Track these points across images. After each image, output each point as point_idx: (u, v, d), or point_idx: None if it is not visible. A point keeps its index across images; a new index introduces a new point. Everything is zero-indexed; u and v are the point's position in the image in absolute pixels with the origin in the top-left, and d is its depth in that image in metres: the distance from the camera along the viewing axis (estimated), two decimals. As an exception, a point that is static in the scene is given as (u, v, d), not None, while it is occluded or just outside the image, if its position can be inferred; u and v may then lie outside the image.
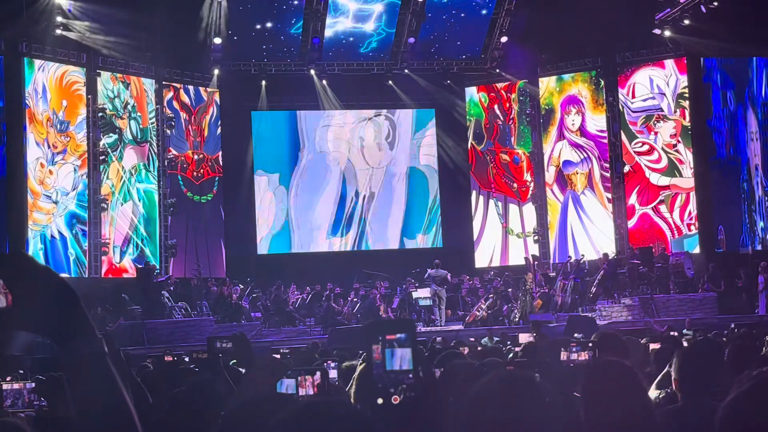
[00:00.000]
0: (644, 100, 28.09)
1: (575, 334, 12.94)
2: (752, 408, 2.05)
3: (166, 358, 12.32)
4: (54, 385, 5.01)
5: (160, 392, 5.86)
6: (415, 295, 25.20)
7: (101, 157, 25.14)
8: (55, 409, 4.99)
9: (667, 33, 27.01)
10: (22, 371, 11.95)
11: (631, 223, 27.94)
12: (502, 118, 30.37)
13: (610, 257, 25.96)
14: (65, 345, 1.93)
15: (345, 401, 2.10)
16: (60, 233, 24.01)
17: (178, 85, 27.86)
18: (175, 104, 27.66)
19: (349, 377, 5.77)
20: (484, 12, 28.87)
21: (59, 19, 23.98)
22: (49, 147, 24.03)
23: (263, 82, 29.06)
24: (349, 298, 25.93)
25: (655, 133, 27.82)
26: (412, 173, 30.89)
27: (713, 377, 4.59)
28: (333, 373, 6.86)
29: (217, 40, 27.15)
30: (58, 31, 24.09)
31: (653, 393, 5.66)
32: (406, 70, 29.66)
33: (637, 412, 3.31)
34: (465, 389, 2.47)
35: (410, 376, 2.22)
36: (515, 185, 30.04)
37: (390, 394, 2.19)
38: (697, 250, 26.52)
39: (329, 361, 6.97)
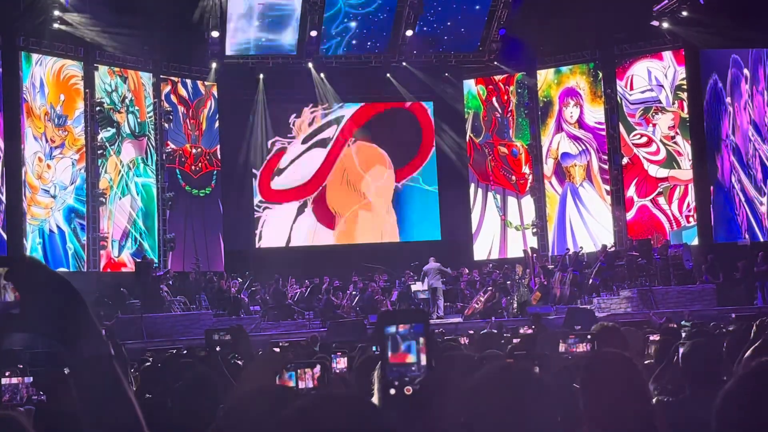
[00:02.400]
0: (642, 92, 28.08)
1: (574, 326, 12.95)
2: (748, 396, 2.05)
3: (167, 354, 12.34)
4: (53, 380, 5.02)
5: (160, 386, 5.87)
6: (414, 288, 25.21)
7: (99, 151, 25.14)
8: (55, 403, 5.00)
9: (665, 25, 26.99)
10: (21, 366, 11.95)
11: (629, 215, 27.94)
12: (500, 111, 30.36)
13: (607, 248, 26.01)
14: (71, 347, 1.96)
15: (359, 396, 2.10)
16: (58, 227, 24.01)
17: (175, 79, 27.84)
18: (173, 98, 27.64)
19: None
20: (480, 5, 28.81)
21: (57, 13, 23.92)
22: (47, 141, 24.02)
23: (261, 76, 29.05)
24: (348, 292, 25.94)
25: (654, 125, 27.81)
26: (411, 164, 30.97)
27: (719, 369, 4.60)
28: (341, 363, 6.86)
29: (215, 34, 27.11)
30: (56, 25, 24.05)
31: (651, 385, 5.67)
32: (404, 63, 29.62)
33: (637, 404, 3.32)
34: (463, 381, 2.47)
35: (413, 368, 2.22)
36: (513, 178, 30.03)
37: (394, 386, 2.19)
38: (695, 241, 26.54)
39: (338, 353, 6.96)
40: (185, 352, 12.07)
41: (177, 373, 5.61)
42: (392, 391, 2.18)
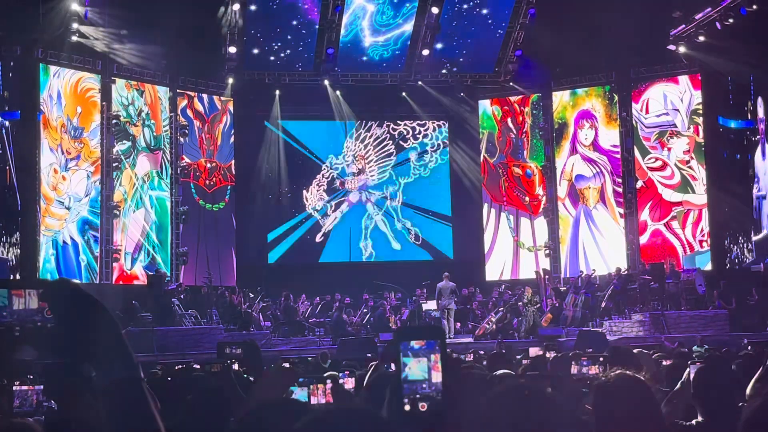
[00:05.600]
0: (658, 116, 28.03)
1: (586, 349, 12.90)
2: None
3: (176, 368, 12.31)
4: (65, 389, 5.02)
5: (171, 399, 5.86)
6: (425, 306, 25.16)
7: (114, 164, 25.24)
8: (65, 412, 5.00)
9: (682, 49, 26.96)
10: (31, 376, 11.95)
11: (643, 238, 27.84)
12: (515, 132, 30.35)
13: (621, 271, 25.91)
14: (103, 369, 1.98)
15: (370, 409, 2.09)
16: (72, 239, 24.07)
17: (192, 94, 27.95)
18: (189, 112, 27.74)
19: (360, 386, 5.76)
20: (498, 26, 28.88)
21: (75, 25, 24.08)
22: (62, 153, 24.13)
23: (277, 92, 29.15)
24: (360, 309, 25.90)
25: (669, 149, 27.75)
26: (424, 183, 31.02)
27: (732, 393, 4.57)
28: (349, 383, 6.85)
29: (232, 49, 27.22)
30: (74, 38, 24.20)
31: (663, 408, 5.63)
32: (420, 82, 29.69)
33: (649, 426, 3.29)
34: (476, 400, 2.46)
35: (424, 386, 2.21)
36: (527, 199, 29.99)
37: (409, 402, 2.18)
38: (708, 266, 26.41)
39: (345, 372, 6.95)
40: (197, 366, 12.04)
41: (188, 386, 5.60)
42: (407, 408, 2.16)
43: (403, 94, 29.93)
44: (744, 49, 24.89)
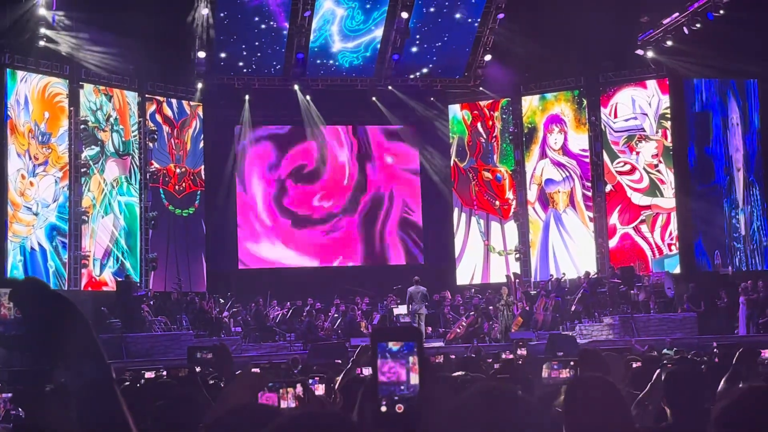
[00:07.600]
0: (626, 120, 28.22)
1: (556, 353, 12.96)
2: (741, 419, 2.06)
3: (147, 375, 12.24)
4: (33, 396, 4.97)
5: (140, 406, 5.81)
6: (396, 311, 25.17)
7: (83, 170, 25.03)
8: (34, 420, 4.95)
9: (650, 54, 27.18)
10: (-1, 383, 11.83)
11: (612, 242, 28.00)
12: (484, 136, 30.44)
13: (591, 275, 26.05)
14: (73, 368, 1.96)
15: (338, 413, 2.09)
16: (40, 245, 23.86)
17: (161, 99, 27.81)
18: (158, 117, 27.60)
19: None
20: (468, 30, 28.96)
21: (43, 30, 23.89)
22: (30, 158, 23.91)
23: (247, 97, 29.07)
24: (330, 314, 25.88)
25: (637, 153, 27.94)
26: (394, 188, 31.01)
27: (701, 396, 4.61)
28: (319, 390, 6.83)
29: (201, 54, 27.12)
30: (42, 43, 24.02)
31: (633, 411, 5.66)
32: (390, 87, 29.71)
33: (619, 428, 3.30)
34: (446, 402, 2.46)
35: (401, 388, 2.20)
36: (497, 203, 30.07)
37: (385, 404, 2.17)
38: (677, 270, 26.60)
39: (315, 378, 6.94)
40: (164, 373, 11.98)
41: (157, 392, 5.56)
42: (383, 409, 2.15)
43: (374, 98, 29.93)
44: (711, 54, 25.14)
